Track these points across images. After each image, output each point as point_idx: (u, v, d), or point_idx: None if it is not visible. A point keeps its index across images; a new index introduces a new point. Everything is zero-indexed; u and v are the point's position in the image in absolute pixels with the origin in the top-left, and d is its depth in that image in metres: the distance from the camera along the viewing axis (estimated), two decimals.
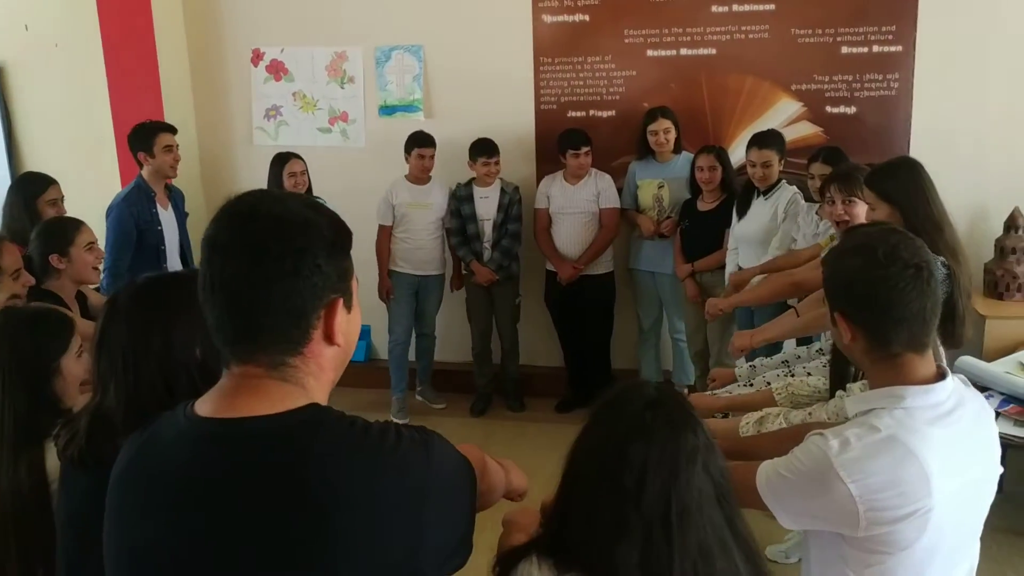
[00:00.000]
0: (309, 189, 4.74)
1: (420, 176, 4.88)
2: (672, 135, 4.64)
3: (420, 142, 4.81)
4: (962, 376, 1.52)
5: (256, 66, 5.39)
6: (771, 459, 1.50)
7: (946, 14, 4.52)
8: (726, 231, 4.40)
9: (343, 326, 1.13)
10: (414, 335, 5.14)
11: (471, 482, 1.18)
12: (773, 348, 3.76)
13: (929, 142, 4.59)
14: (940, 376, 1.46)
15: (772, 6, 4.69)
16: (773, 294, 3.40)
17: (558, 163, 4.87)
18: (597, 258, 4.84)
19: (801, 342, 3.98)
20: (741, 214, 4.24)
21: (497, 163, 4.82)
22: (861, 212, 3.01)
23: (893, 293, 1.41)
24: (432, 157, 4.84)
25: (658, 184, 4.72)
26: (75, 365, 1.91)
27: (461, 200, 4.92)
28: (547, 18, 4.96)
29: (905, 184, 2.56)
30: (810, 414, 2.04)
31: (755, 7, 4.71)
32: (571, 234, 4.84)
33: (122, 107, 5.19)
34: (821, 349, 2.63)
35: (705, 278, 4.50)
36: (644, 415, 1.26)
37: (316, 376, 1.12)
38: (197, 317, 1.55)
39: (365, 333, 5.56)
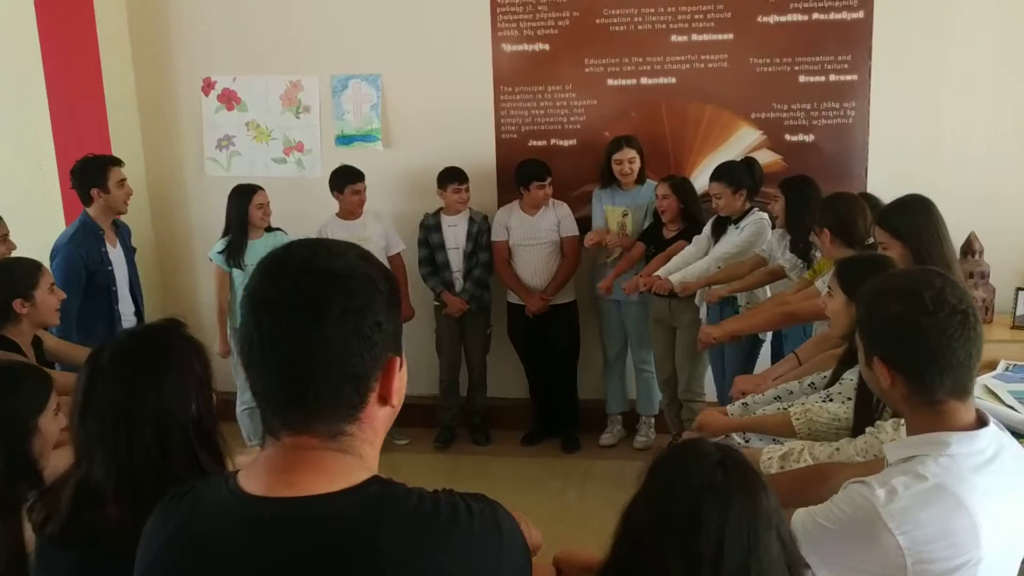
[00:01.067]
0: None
1: (355, 211, 4.79)
2: (636, 165, 4.62)
3: (353, 178, 4.72)
4: (996, 420, 1.49)
5: (207, 95, 5.24)
6: (805, 507, 1.45)
7: (899, 44, 4.61)
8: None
9: (398, 385, 1.05)
10: None
11: (529, 557, 1.10)
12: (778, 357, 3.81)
13: (885, 168, 4.67)
14: (981, 422, 1.42)
15: (731, 36, 4.73)
16: (767, 324, 3.42)
17: (517, 193, 4.82)
18: (563, 287, 4.79)
19: (776, 342, 4.06)
20: (716, 238, 4.24)
21: (467, 190, 4.77)
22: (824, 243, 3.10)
23: (941, 340, 1.37)
24: (364, 190, 4.75)
25: (622, 212, 4.70)
26: (52, 424, 1.79)
27: (429, 229, 4.84)
28: (507, 47, 4.93)
29: (917, 223, 2.58)
30: (837, 450, 2.00)
31: (714, 36, 4.74)
32: (535, 265, 4.78)
33: (66, 138, 4.99)
34: (813, 383, 2.61)
35: (674, 304, 4.46)
36: (714, 475, 1.19)
37: (371, 442, 1.04)
38: (189, 372, 1.47)
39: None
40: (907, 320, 1.39)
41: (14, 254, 3.56)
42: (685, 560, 1.15)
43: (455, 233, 4.82)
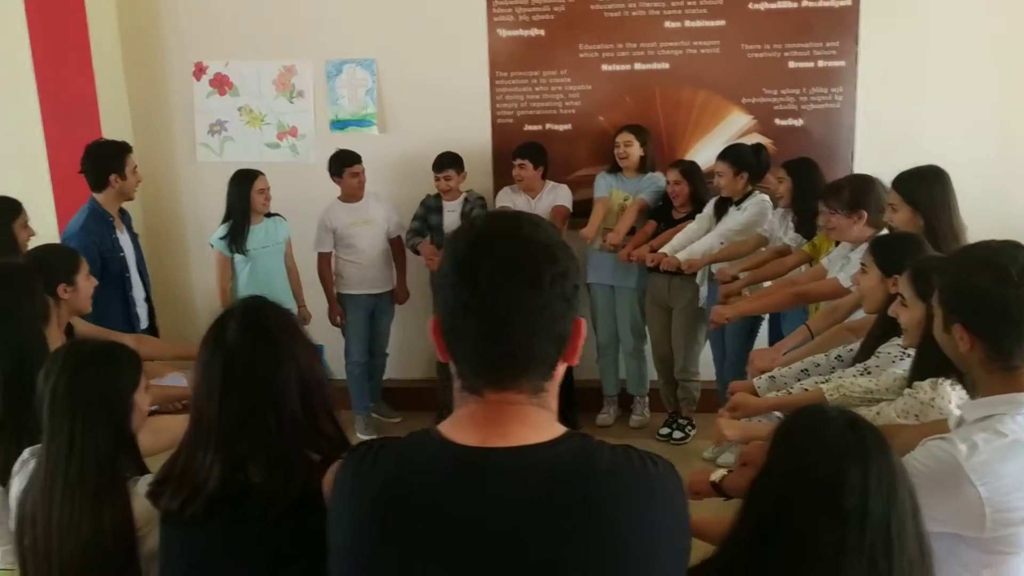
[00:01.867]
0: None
1: (355, 194, 4.81)
2: (633, 149, 4.69)
3: (350, 160, 4.74)
4: None
5: (199, 80, 5.21)
6: None
7: (885, 30, 4.75)
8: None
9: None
10: (369, 354, 5.05)
11: None
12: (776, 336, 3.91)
13: (871, 152, 4.82)
14: None
15: (723, 22, 4.83)
16: (777, 304, 3.51)
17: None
18: None
19: (774, 322, 4.17)
20: (718, 219, 4.34)
21: (448, 178, 4.78)
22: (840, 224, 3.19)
23: (1022, 311, 1.47)
24: (363, 172, 4.78)
25: (624, 196, 4.76)
26: (143, 401, 1.81)
27: (430, 210, 4.88)
28: (502, 32, 4.97)
29: (932, 193, 2.68)
30: (878, 413, 2.09)
31: (707, 23, 4.84)
32: None
33: (56, 124, 4.92)
34: (840, 356, 2.71)
35: (673, 284, 4.57)
36: (848, 436, 1.29)
37: (554, 396, 1.13)
38: (305, 337, 1.56)
39: (318, 352, 5.41)
40: (992, 291, 1.49)
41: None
42: (833, 519, 1.25)
43: (452, 218, 4.86)
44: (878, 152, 4.76)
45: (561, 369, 1.13)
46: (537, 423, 1.09)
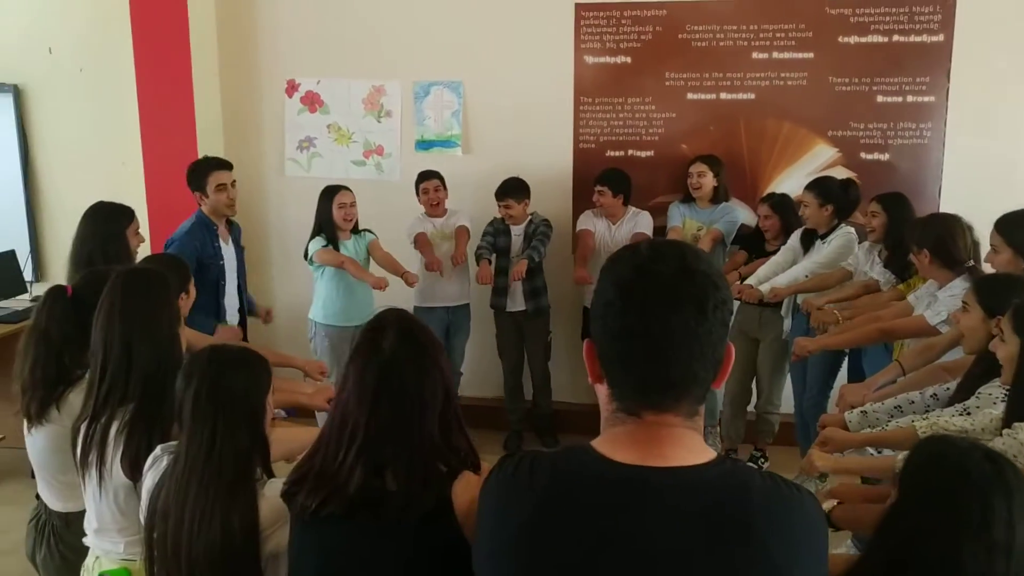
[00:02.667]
0: (357, 222, 4.70)
1: (430, 210, 4.90)
2: (707, 180, 4.71)
3: (422, 178, 4.87)
4: None
5: (291, 97, 5.36)
6: None
7: (978, 67, 4.70)
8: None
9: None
10: None
11: None
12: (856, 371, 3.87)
13: (959, 190, 4.75)
14: None
15: (811, 54, 4.82)
16: (862, 339, 3.48)
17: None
18: None
19: (854, 357, 4.12)
20: (805, 250, 4.32)
21: (508, 206, 4.80)
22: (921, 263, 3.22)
23: None
24: (437, 189, 4.86)
25: (698, 227, 4.77)
26: (271, 404, 1.89)
27: (498, 232, 4.92)
28: (589, 59, 5.03)
29: None
30: None
31: (795, 55, 4.84)
32: None
33: (153, 134, 5.13)
34: (936, 395, 2.68)
35: (764, 317, 4.54)
36: (988, 468, 1.31)
37: (703, 418, 1.17)
38: (446, 353, 1.64)
39: None
40: None
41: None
42: (980, 551, 1.28)
43: (517, 242, 4.90)
44: (966, 190, 4.70)
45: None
46: (692, 445, 1.12)
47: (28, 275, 5.36)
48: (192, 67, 5.09)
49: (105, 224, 3.57)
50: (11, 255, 5.19)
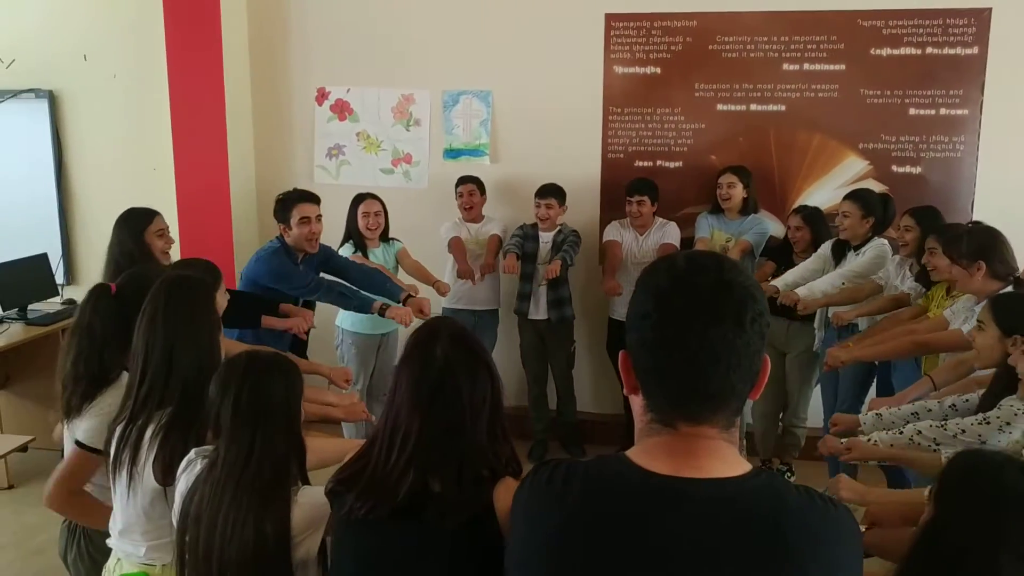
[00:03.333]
0: (386, 230, 4.74)
1: (468, 214, 4.94)
2: (737, 191, 4.69)
3: (459, 182, 4.94)
4: None
5: (320, 105, 5.40)
6: None
7: (1012, 81, 4.65)
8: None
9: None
10: None
11: None
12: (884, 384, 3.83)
13: (992, 204, 4.69)
14: None
15: (843, 66, 4.79)
16: (896, 352, 3.45)
17: (622, 211, 4.90)
18: None
19: (883, 371, 4.08)
20: (836, 261, 4.27)
21: (550, 206, 4.83)
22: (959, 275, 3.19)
23: None
24: (471, 194, 4.90)
25: (726, 238, 4.74)
26: (303, 410, 1.90)
27: (527, 237, 4.91)
28: (619, 69, 5.03)
29: None
30: None
31: (826, 67, 4.81)
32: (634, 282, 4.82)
33: (184, 140, 5.18)
34: (954, 405, 2.65)
35: (792, 330, 4.52)
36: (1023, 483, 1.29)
37: (738, 430, 1.16)
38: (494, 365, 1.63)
39: None
40: None
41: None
42: (1019, 564, 1.26)
43: (544, 249, 4.89)
44: (999, 204, 4.64)
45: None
46: (728, 458, 1.11)
47: (60, 278, 5.42)
48: (224, 74, 5.15)
49: (126, 228, 3.65)
50: (43, 258, 5.26)
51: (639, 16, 4.96)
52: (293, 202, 4.00)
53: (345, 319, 4.71)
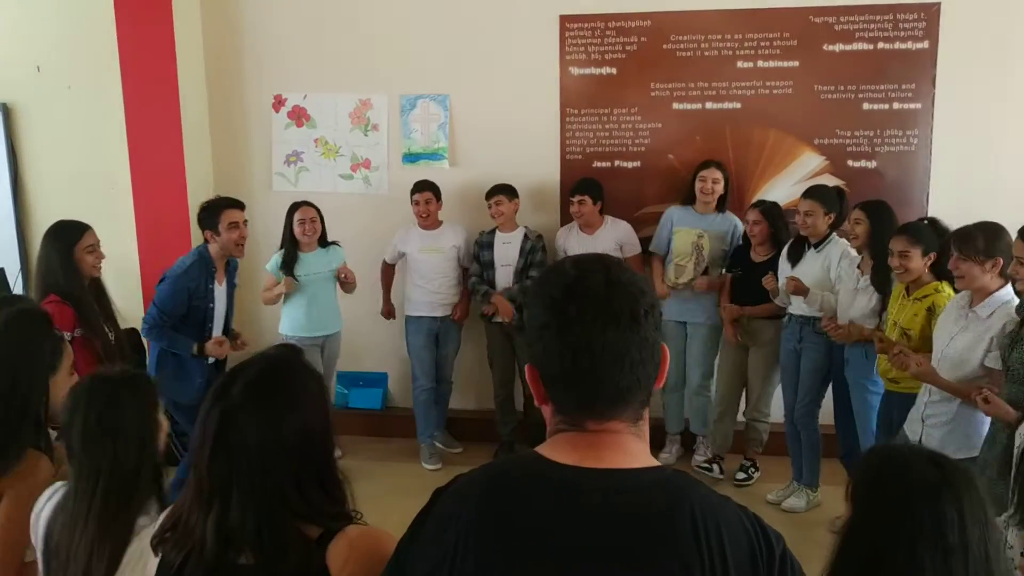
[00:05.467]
0: (323, 235, 4.79)
1: (423, 222, 4.93)
2: (720, 188, 4.70)
3: (415, 189, 4.91)
4: None
5: (278, 112, 5.37)
6: None
7: (963, 74, 4.70)
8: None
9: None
10: (435, 380, 5.11)
11: None
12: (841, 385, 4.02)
13: (946, 196, 4.74)
14: None
15: (796, 63, 4.82)
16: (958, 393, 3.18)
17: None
18: None
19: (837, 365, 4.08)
20: (793, 262, 4.29)
21: (499, 203, 4.84)
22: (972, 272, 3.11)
23: None
24: (428, 202, 4.89)
25: (698, 233, 4.72)
26: (162, 428, 1.88)
27: (482, 247, 4.94)
28: (574, 70, 5.04)
29: None
30: None
31: (780, 64, 4.84)
32: None
33: (140, 151, 5.14)
34: None
35: (754, 323, 4.55)
36: (934, 473, 1.35)
37: (647, 424, 1.18)
38: (315, 403, 1.43)
39: (382, 380, 5.50)
40: None
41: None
42: (938, 556, 1.31)
43: (508, 251, 4.90)
44: (954, 196, 4.69)
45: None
46: (634, 452, 1.14)
47: (18, 292, 5.36)
48: (179, 83, 5.10)
49: (54, 243, 3.54)
50: (0, 273, 5.20)
51: (593, 17, 4.97)
52: (220, 208, 4.03)
53: (285, 325, 4.83)
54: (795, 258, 4.28)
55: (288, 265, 4.71)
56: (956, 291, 3.30)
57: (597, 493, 1.09)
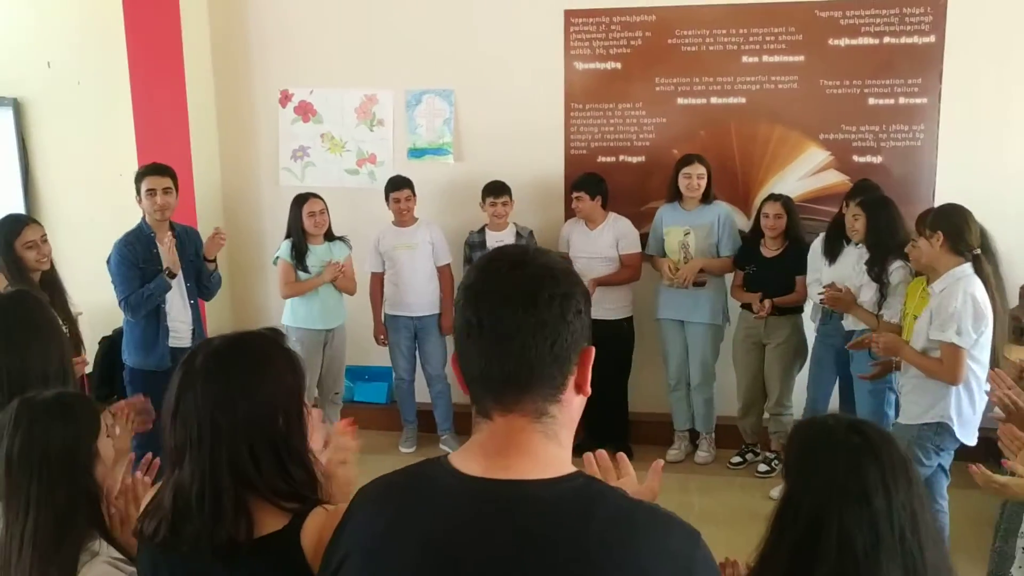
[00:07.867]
0: (329, 229, 4.78)
1: (401, 219, 4.92)
2: (704, 182, 4.67)
3: (393, 187, 4.88)
4: None
5: (284, 107, 5.40)
6: None
7: (970, 69, 4.66)
8: (796, 277, 4.46)
9: (590, 376, 1.15)
10: (426, 379, 5.15)
11: None
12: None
13: (953, 191, 4.67)
14: None
15: (802, 58, 4.80)
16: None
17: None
18: (611, 283, 4.76)
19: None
20: (831, 259, 4.23)
21: (505, 204, 4.84)
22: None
23: None
24: (408, 199, 4.87)
25: (684, 231, 4.72)
26: (107, 446, 1.79)
27: (473, 247, 4.93)
28: (579, 65, 5.04)
29: None
30: None
31: (785, 58, 4.82)
32: (591, 278, 4.76)
33: (148, 145, 5.17)
34: None
35: (769, 321, 4.54)
36: (855, 438, 1.39)
37: (568, 427, 1.14)
38: (281, 383, 1.44)
39: (388, 374, 5.52)
40: None
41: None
42: (865, 520, 1.34)
43: None
44: (960, 191, 4.58)
45: (577, 401, 1.14)
46: (543, 456, 1.10)
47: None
48: (186, 79, 5.15)
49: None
50: None
51: (598, 12, 4.96)
52: (141, 176, 4.06)
53: (288, 316, 4.79)
54: (833, 255, 4.23)
55: (299, 256, 4.70)
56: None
57: (504, 513, 1.05)
